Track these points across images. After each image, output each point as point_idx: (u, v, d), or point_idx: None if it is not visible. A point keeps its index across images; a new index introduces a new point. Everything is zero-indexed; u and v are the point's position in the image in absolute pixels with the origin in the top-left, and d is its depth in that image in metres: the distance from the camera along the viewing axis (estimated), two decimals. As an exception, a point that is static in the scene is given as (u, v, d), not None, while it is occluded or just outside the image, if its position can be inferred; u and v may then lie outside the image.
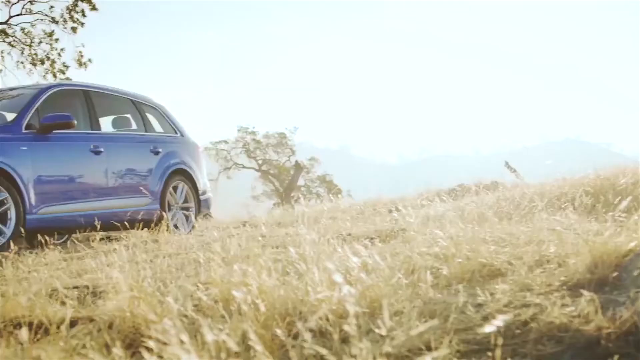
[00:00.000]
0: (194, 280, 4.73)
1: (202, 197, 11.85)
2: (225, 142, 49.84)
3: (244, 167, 50.20)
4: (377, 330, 3.04)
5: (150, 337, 3.17)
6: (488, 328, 3.04)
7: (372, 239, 6.18)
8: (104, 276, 5.13)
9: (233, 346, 2.64)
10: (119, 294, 4.00)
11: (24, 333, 2.83)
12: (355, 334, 2.74)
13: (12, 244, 7.74)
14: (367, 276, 3.81)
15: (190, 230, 11.29)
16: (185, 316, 3.66)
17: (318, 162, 50.54)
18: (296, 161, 46.56)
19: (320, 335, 3.30)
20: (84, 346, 3.03)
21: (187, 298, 3.97)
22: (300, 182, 47.72)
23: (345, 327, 2.76)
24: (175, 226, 11.04)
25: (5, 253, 7.32)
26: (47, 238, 8.84)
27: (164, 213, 10.90)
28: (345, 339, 3.20)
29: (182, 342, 2.64)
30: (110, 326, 3.66)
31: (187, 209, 11.62)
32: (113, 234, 11.12)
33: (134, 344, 3.48)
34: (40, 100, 9.80)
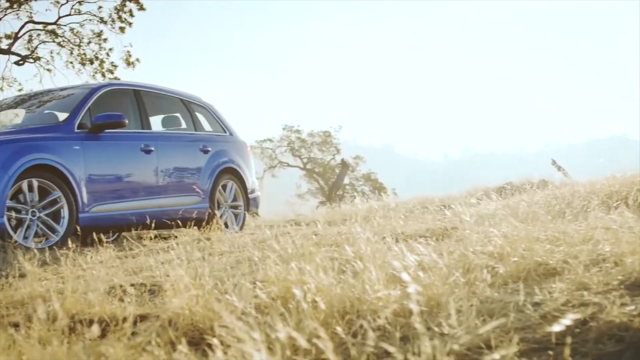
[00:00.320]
0: (250, 278, 4.76)
1: (250, 196, 11.90)
2: (270, 140, 49.98)
3: (288, 165, 50.29)
4: (435, 329, 3.05)
5: (213, 335, 3.20)
6: (556, 327, 3.03)
7: (424, 237, 6.17)
8: (161, 274, 5.16)
9: (303, 343, 2.64)
10: (177, 292, 4.04)
11: (95, 330, 2.87)
12: (423, 331, 2.74)
13: (69, 242, 7.82)
14: (425, 275, 3.81)
15: (239, 229, 11.35)
16: (244, 313, 3.69)
17: (363, 160, 50.46)
18: (342, 159, 46.52)
19: (378, 333, 3.31)
20: (148, 343, 3.06)
21: (245, 296, 3.99)
22: (345, 180, 47.68)
23: (416, 325, 2.76)
24: (225, 224, 11.11)
25: (63, 251, 7.42)
26: (100, 236, 8.97)
27: (214, 211, 10.98)
28: (404, 338, 3.21)
29: (253, 339, 2.65)
30: (169, 324, 3.69)
31: (236, 207, 11.69)
32: (163, 232, 11.22)
33: (192, 341, 3.51)
34: (92, 100, 9.92)
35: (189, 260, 5.90)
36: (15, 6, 19.13)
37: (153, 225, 9.79)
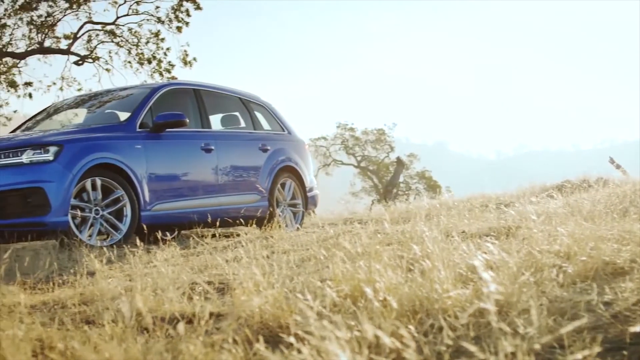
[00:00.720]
0: (316, 276, 4.77)
1: (309, 194, 11.94)
2: (324, 138, 49.98)
3: (342, 163, 50.24)
4: (507, 329, 3.05)
5: (288, 333, 3.24)
6: (638, 327, 3.02)
7: (489, 236, 6.14)
8: (229, 272, 5.19)
9: (387, 342, 2.65)
10: (247, 291, 4.08)
11: (180, 328, 2.90)
12: (502, 331, 2.75)
13: (137, 240, 7.94)
14: (494, 274, 3.81)
15: (298, 227, 11.40)
16: (317, 312, 3.71)
17: (416, 158, 50.26)
18: (398, 158, 46.36)
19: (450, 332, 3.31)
20: (224, 341, 3.09)
21: (314, 294, 4.01)
22: (399, 178, 47.53)
23: (494, 325, 2.76)
24: (284, 223, 11.16)
25: (128, 248, 7.52)
26: (159, 234, 9.06)
27: (273, 210, 11.05)
28: (475, 337, 3.22)
29: (337, 338, 2.66)
30: (237, 321, 3.71)
31: (294, 205, 11.74)
32: (223, 230, 11.30)
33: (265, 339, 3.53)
34: (153, 100, 10.03)
35: (255, 258, 5.93)
36: (74, 7, 19.37)
37: (217, 223, 9.89)
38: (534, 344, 2.81)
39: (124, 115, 10.20)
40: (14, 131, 11.05)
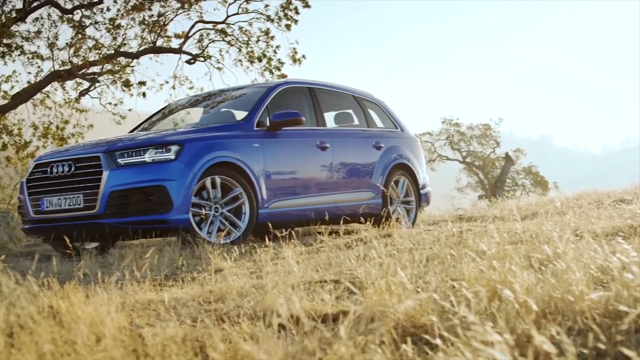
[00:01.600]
0: (443, 276, 4.74)
1: (422, 191, 11.92)
2: (430, 134, 49.73)
3: (448, 159, 49.93)
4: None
5: (433, 335, 3.24)
6: None
7: (614, 235, 6.04)
8: (358, 271, 5.20)
9: (550, 349, 2.62)
10: (378, 290, 4.08)
11: (342, 330, 2.93)
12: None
13: (267, 239, 8.04)
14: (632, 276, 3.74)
15: (411, 225, 11.40)
16: (444, 312, 3.70)
17: (523, 153, 49.63)
18: (506, 154, 45.87)
19: (580, 335, 3.28)
20: (368, 342, 3.10)
21: (448, 295, 4.00)
22: (508, 174, 46.98)
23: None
24: (397, 220, 11.18)
25: (254, 245, 7.65)
26: (278, 231, 9.19)
27: (387, 207, 11.08)
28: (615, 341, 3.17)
29: (498, 342, 2.65)
30: (371, 321, 3.71)
31: (408, 202, 11.74)
32: (335, 227, 11.38)
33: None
34: (270, 98, 10.15)
35: (377, 257, 5.95)
36: (185, 6, 19.67)
37: (326, 220, 9.95)
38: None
39: (239, 114, 10.34)
40: (131, 131, 11.30)
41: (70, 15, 19.85)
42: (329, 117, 11.36)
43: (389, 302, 3.81)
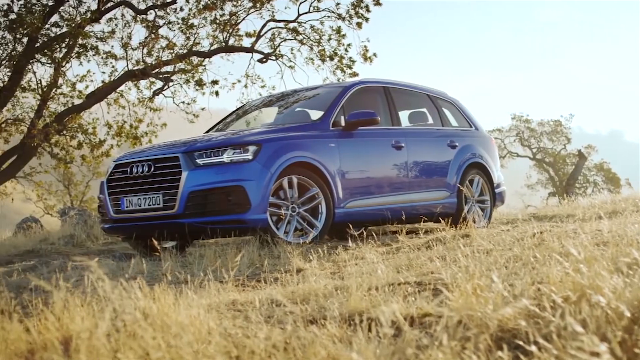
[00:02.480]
0: (528, 279, 4.69)
1: (496, 190, 11.86)
2: (499, 130, 49.30)
3: (518, 155, 49.43)
4: None
5: (518, 337, 3.23)
6: None
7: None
8: (442, 272, 5.18)
9: None
10: (464, 293, 4.05)
11: (444, 338, 2.94)
12: None
13: (357, 242, 8.09)
14: None
15: (486, 224, 11.35)
16: (532, 316, 3.67)
17: (594, 150, 48.92)
18: (579, 151, 45.28)
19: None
20: (463, 348, 3.10)
21: (531, 298, 3.96)
22: (580, 172, 46.35)
23: None
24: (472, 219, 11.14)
25: (344, 247, 7.70)
26: (352, 231, 9.23)
27: (462, 206, 11.05)
28: None
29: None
30: (459, 324, 3.67)
31: (482, 201, 11.69)
32: (410, 225, 11.36)
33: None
34: (345, 98, 10.19)
35: (459, 258, 5.92)
36: (257, 5, 19.78)
37: (400, 220, 9.95)
38: None
39: (315, 114, 10.40)
40: (207, 132, 11.41)
41: (144, 16, 20.11)
42: (403, 116, 11.36)
43: (476, 305, 3.79)
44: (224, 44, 20.37)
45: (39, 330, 3.87)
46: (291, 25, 20.24)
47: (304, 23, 20.26)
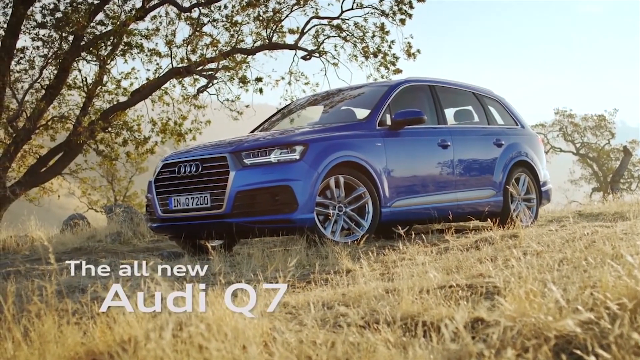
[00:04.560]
0: (579, 283, 4.65)
1: (542, 188, 11.79)
2: (543, 125, 48.94)
3: (561, 150, 49.07)
4: None
5: (572, 344, 3.21)
6: None
7: None
8: (494, 276, 5.15)
9: None
10: (517, 298, 4.03)
11: (509, 353, 2.92)
12: None
13: (404, 242, 8.09)
14: None
15: (532, 223, 11.28)
16: (587, 323, 3.64)
17: (638, 144, 48.40)
18: (624, 147, 44.80)
19: None
20: (519, 356, 3.10)
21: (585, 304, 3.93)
22: (626, 168, 45.89)
23: None
24: (517, 217, 11.09)
25: (392, 247, 7.70)
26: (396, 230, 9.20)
27: (508, 205, 11.01)
28: None
29: None
30: (511, 331, 3.65)
31: (528, 200, 11.62)
32: (456, 224, 11.33)
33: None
34: (391, 97, 10.17)
35: (508, 260, 5.88)
36: (301, 2, 19.83)
37: (449, 219, 9.91)
38: None
39: (360, 113, 10.39)
40: (252, 131, 11.45)
41: (188, 13, 20.22)
42: (449, 114, 11.34)
43: (529, 311, 3.77)
44: (267, 41, 20.45)
45: (97, 334, 3.92)
46: (334, 22, 20.30)
47: (348, 20, 20.32)
